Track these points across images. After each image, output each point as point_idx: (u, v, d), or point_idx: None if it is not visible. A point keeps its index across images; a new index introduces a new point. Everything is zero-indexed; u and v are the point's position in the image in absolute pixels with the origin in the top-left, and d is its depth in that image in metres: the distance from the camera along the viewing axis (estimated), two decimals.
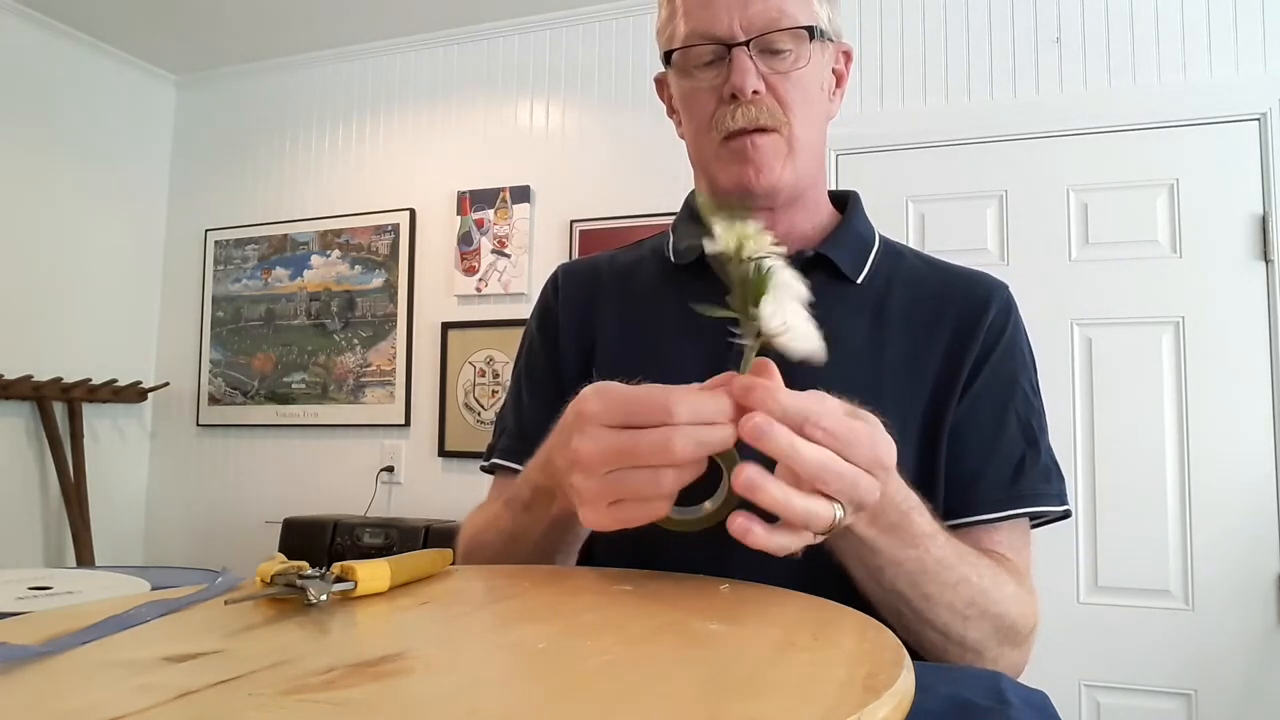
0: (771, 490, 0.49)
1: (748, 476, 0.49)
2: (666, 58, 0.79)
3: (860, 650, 0.40)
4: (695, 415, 0.50)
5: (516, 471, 0.83)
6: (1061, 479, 0.77)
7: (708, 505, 0.57)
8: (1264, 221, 2.01)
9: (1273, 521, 1.96)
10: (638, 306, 0.84)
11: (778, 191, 0.77)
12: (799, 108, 0.76)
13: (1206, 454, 2.01)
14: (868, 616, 0.47)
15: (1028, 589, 0.72)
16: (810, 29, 0.75)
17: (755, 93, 0.74)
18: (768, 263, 0.52)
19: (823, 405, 0.51)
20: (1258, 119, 2.03)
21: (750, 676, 0.36)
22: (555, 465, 0.60)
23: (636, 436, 0.51)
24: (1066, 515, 0.77)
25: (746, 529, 0.50)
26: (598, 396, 0.54)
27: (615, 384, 0.55)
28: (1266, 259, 2.01)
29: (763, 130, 0.75)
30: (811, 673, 0.36)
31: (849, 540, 0.60)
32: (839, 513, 0.52)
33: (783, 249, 0.54)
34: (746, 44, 0.73)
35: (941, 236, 2.24)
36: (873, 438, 0.53)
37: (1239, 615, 1.96)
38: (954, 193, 2.26)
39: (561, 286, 0.89)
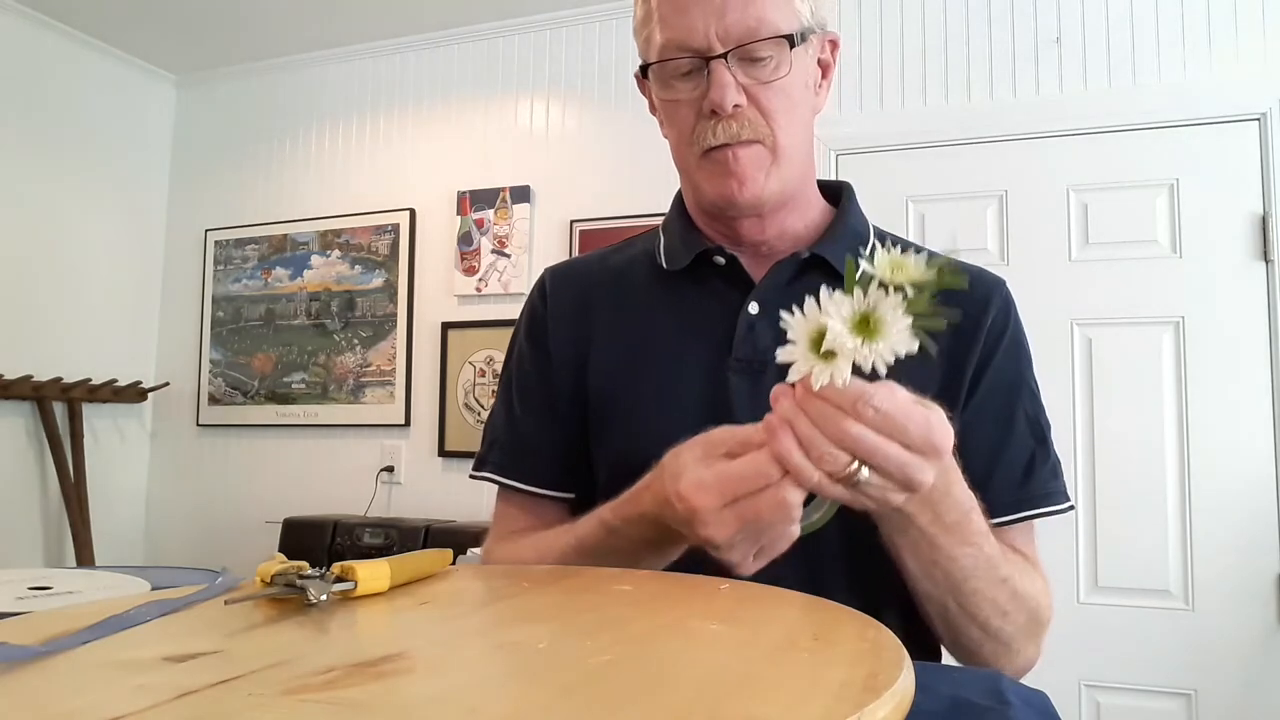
0: (799, 423, 0.53)
1: (774, 396, 0.55)
2: (644, 69, 0.77)
3: (860, 650, 0.40)
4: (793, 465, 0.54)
5: (525, 492, 0.83)
6: (1063, 474, 0.78)
7: (816, 515, 0.60)
8: (1264, 221, 2.01)
9: (1273, 521, 1.96)
10: (632, 313, 0.83)
11: (762, 202, 0.76)
12: (781, 116, 0.74)
13: (1206, 454, 2.01)
14: (868, 617, 0.47)
15: (1046, 582, 0.74)
16: (790, 37, 0.72)
17: (736, 107, 0.71)
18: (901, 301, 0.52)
19: (880, 387, 0.52)
20: (1258, 119, 2.03)
21: (750, 676, 0.36)
22: (679, 529, 0.60)
23: (756, 505, 0.55)
24: (1070, 509, 0.78)
25: (775, 429, 0.54)
26: (701, 489, 0.56)
27: (706, 460, 0.58)
28: (1266, 259, 2.01)
29: (744, 142, 0.73)
30: (811, 673, 0.36)
31: (910, 535, 0.62)
32: (860, 470, 0.53)
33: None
34: (725, 56, 0.71)
35: (941, 237, 2.24)
36: (928, 421, 0.54)
37: (1239, 615, 1.96)
38: (954, 193, 2.25)
39: (550, 292, 0.87)
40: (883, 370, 0.51)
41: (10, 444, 2.67)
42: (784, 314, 0.53)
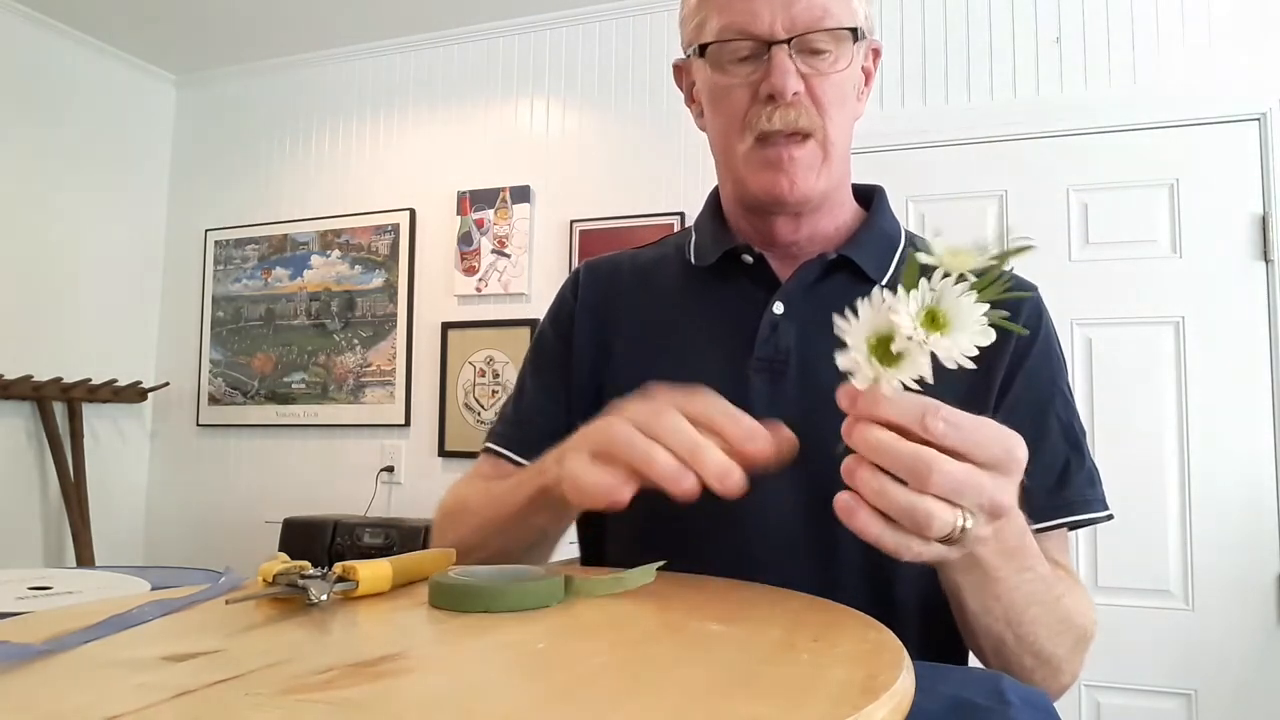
0: (888, 491, 0.45)
1: (848, 469, 0.47)
2: (701, 50, 0.76)
3: (860, 651, 0.40)
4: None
5: (507, 458, 0.83)
6: (1101, 482, 0.75)
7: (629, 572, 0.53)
8: (1264, 221, 2.01)
9: (1273, 521, 1.96)
10: (656, 309, 0.83)
11: (809, 200, 0.75)
12: (834, 110, 0.73)
13: (1206, 454, 2.01)
14: (869, 617, 0.47)
15: (1087, 594, 0.71)
16: (854, 30, 0.72)
17: (795, 94, 0.71)
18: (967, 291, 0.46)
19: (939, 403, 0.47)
20: (1258, 119, 2.03)
21: (750, 677, 0.36)
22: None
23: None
24: (1109, 519, 0.74)
25: (852, 510, 0.47)
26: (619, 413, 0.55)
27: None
28: (1266, 259, 2.01)
29: (799, 135, 0.72)
30: (811, 674, 0.36)
31: (975, 573, 0.55)
32: (965, 521, 0.46)
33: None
34: (788, 42, 0.70)
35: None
36: (1000, 430, 0.47)
37: (1239, 615, 1.96)
38: (954, 193, 2.25)
39: (582, 286, 0.87)
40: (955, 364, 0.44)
41: (10, 444, 2.67)
42: (837, 318, 0.47)
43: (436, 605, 0.49)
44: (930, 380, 0.45)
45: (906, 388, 0.46)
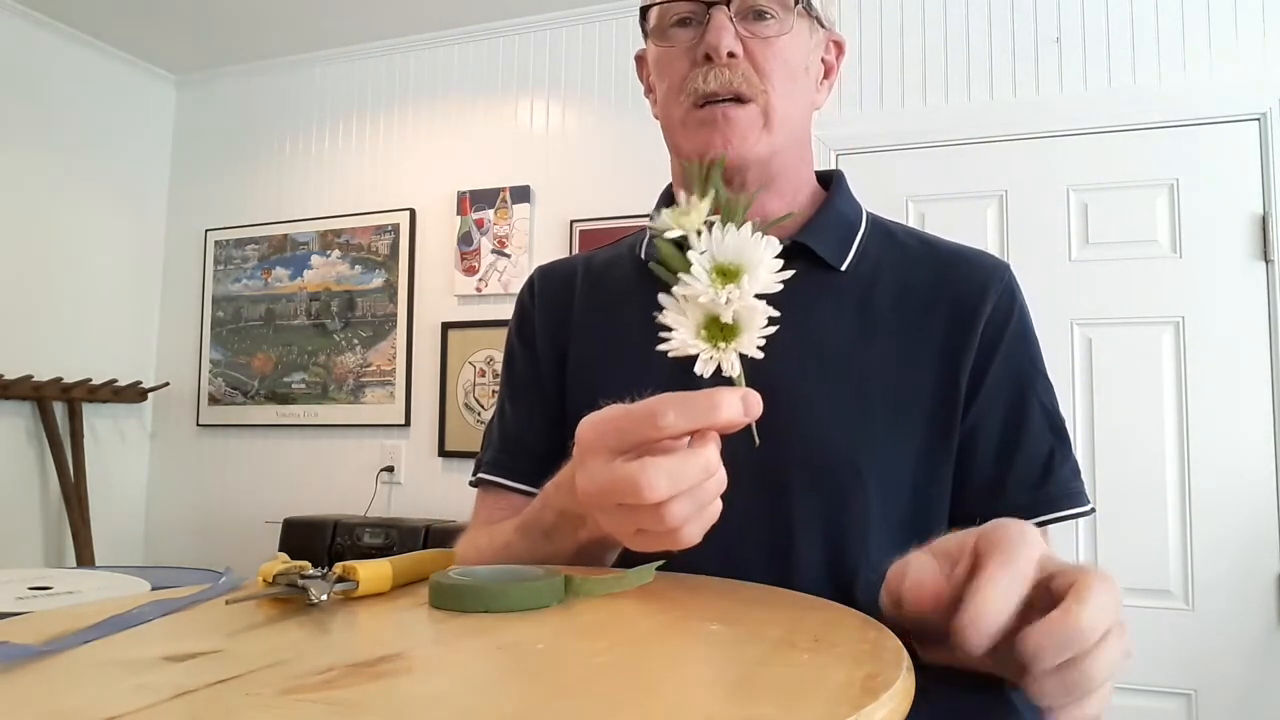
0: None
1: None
2: (644, 15, 0.75)
3: (860, 651, 0.40)
4: (683, 427, 0.46)
5: (504, 487, 0.80)
6: (1080, 474, 0.73)
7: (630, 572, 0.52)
8: (1264, 221, 2.01)
9: (1273, 521, 1.96)
10: (609, 308, 0.80)
11: (747, 165, 0.70)
12: (778, 78, 0.70)
13: (1206, 454, 2.01)
14: (868, 617, 0.47)
15: None
16: None
17: (731, 55, 0.68)
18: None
19: (1102, 596, 0.41)
20: (1258, 119, 2.03)
21: (750, 677, 0.36)
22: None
23: (622, 471, 0.46)
24: (1091, 512, 0.72)
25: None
26: (590, 425, 0.49)
27: (615, 407, 0.49)
28: (1266, 259, 2.01)
29: (738, 100, 0.69)
30: (811, 673, 0.36)
31: None
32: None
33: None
34: (727, 3, 0.68)
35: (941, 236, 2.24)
36: (1109, 593, 0.42)
37: (1239, 615, 1.96)
38: (954, 193, 2.26)
39: (538, 291, 0.85)
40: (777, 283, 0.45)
41: (10, 444, 2.67)
42: (662, 346, 0.47)
43: (436, 605, 0.49)
44: (776, 312, 0.45)
45: (767, 339, 0.46)
